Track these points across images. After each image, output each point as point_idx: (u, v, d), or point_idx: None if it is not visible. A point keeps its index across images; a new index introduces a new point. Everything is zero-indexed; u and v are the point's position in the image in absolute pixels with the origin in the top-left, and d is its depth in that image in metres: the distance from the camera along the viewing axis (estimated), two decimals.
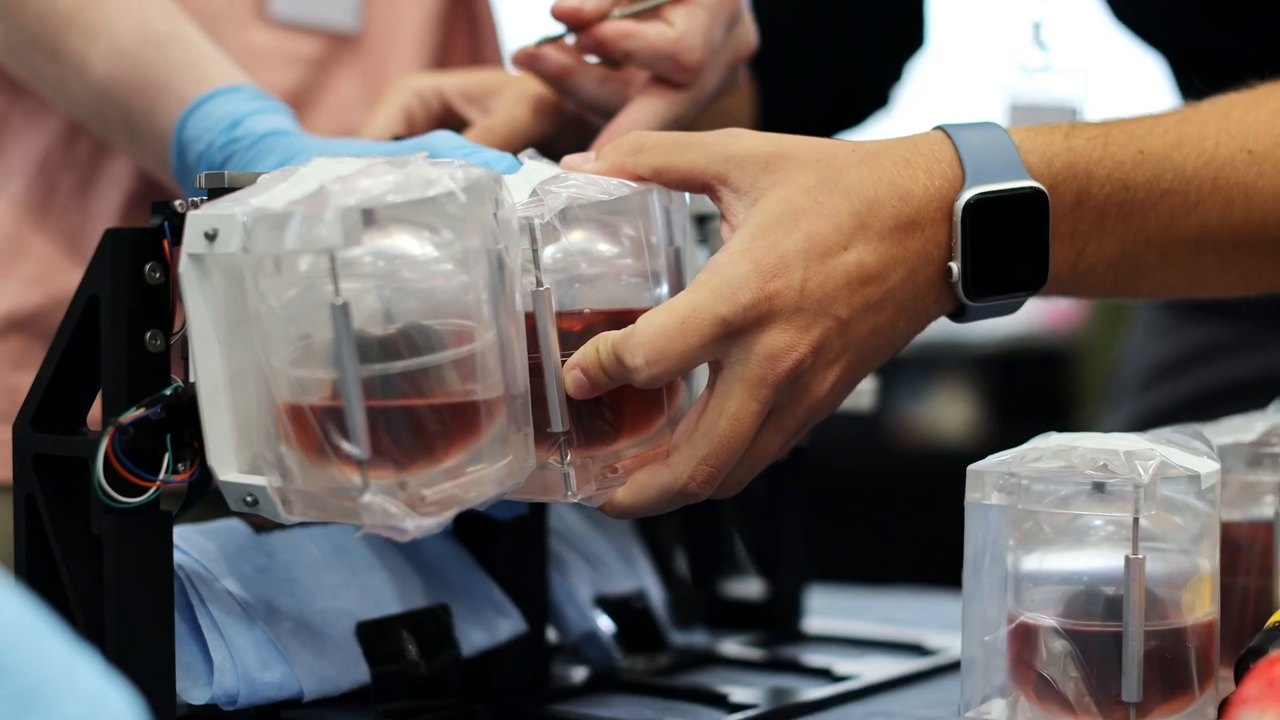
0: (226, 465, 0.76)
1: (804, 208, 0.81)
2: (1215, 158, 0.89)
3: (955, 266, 0.84)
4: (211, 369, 0.75)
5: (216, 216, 0.74)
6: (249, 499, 0.76)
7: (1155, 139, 0.89)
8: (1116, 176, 0.87)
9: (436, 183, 0.75)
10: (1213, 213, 0.89)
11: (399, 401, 0.74)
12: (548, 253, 0.81)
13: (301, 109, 1.13)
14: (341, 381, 0.72)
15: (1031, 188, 0.85)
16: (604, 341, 0.79)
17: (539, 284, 0.80)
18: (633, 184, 0.83)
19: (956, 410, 3.85)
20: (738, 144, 0.83)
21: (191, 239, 0.75)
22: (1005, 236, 0.84)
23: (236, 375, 0.75)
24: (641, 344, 0.78)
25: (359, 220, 0.72)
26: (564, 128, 1.04)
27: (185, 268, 0.75)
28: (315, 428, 0.73)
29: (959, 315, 0.86)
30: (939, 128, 0.86)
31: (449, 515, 0.75)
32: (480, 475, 0.76)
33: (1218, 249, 0.90)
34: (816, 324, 0.80)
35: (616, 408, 0.82)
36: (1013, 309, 0.88)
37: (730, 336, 0.79)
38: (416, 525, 0.74)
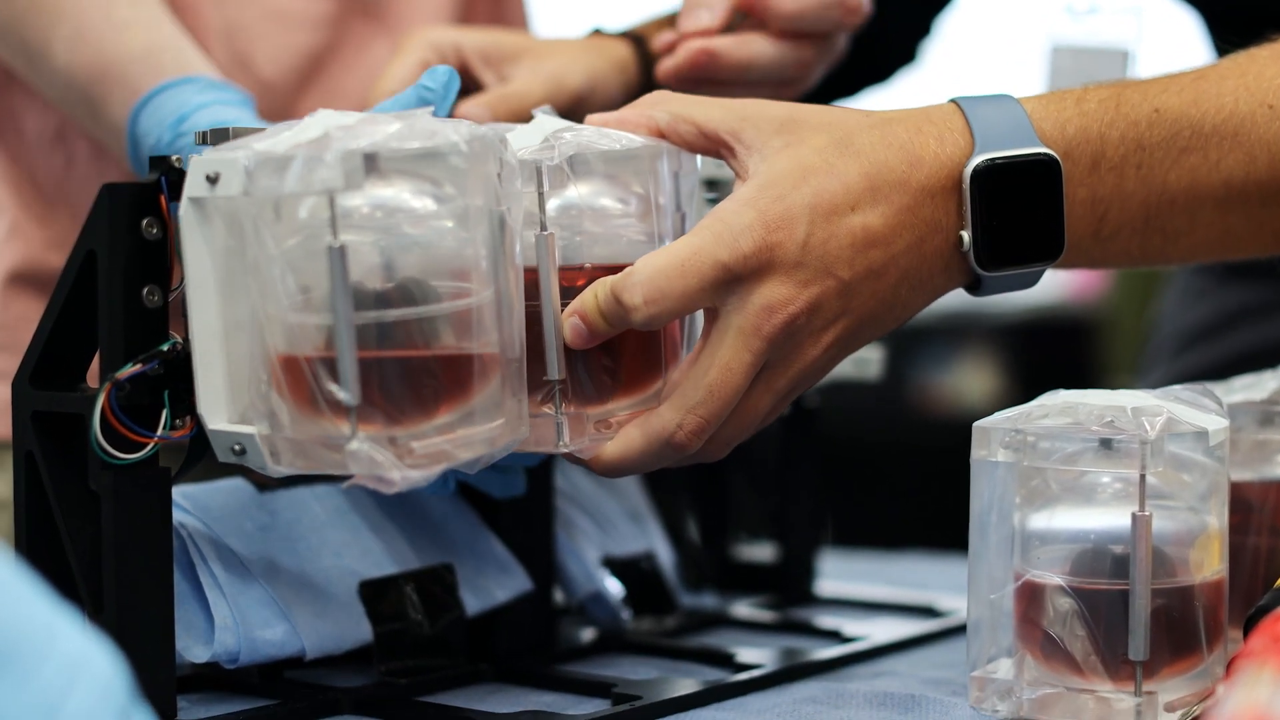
0: (216, 414, 0.75)
1: (814, 166, 0.81)
2: (1235, 113, 0.87)
3: (966, 235, 0.83)
4: (207, 317, 0.75)
5: (219, 160, 0.74)
6: (237, 447, 0.75)
7: (1171, 96, 0.87)
8: (1131, 137, 0.86)
9: (440, 134, 0.75)
10: (1236, 170, 0.87)
11: (392, 352, 0.73)
12: (553, 206, 0.81)
13: (330, 70, 1.12)
14: (335, 324, 0.72)
15: (1043, 154, 0.84)
16: (602, 285, 0.79)
17: (543, 228, 0.79)
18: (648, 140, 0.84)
19: (980, 380, 3.83)
20: (755, 106, 0.84)
21: (193, 182, 0.74)
22: (1017, 204, 0.84)
23: (232, 326, 0.75)
24: (640, 283, 0.78)
25: (360, 164, 0.72)
26: (575, 105, 1.03)
27: (185, 211, 0.74)
28: (307, 375, 0.73)
29: (975, 288, 0.85)
30: (952, 100, 0.85)
31: (437, 470, 0.75)
32: (471, 435, 0.76)
33: (1245, 207, 0.89)
34: (816, 281, 0.80)
35: (613, 367, 0.82)
36: (1031, 281, 0.87)
37: (729, 284, 0.79)
38: (403, 476, 0.73)
